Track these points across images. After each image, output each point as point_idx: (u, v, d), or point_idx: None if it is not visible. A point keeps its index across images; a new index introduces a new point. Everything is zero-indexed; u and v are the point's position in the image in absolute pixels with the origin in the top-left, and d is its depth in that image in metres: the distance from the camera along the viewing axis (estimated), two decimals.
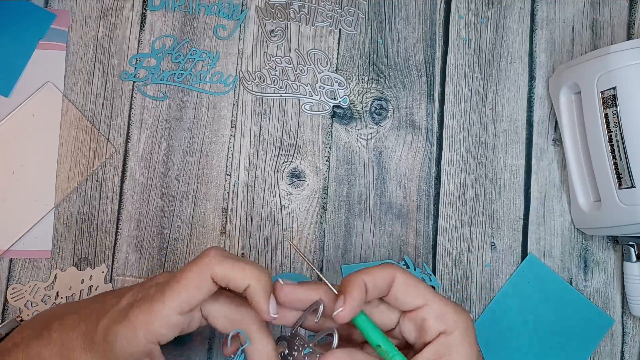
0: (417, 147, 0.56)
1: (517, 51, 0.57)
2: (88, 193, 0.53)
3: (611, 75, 0.48)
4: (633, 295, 0.53)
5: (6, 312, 0.51)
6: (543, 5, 0.58)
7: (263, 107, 0.55)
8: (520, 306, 0.54)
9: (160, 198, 0.53)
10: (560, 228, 0.55)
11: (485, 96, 0.57)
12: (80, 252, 0.52)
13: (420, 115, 0.56)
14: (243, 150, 0.54)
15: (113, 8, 0.55)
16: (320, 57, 0.56)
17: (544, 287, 0.54)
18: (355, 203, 0.54)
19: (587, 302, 0.54)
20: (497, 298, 0.54)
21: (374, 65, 0.56)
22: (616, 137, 0.48)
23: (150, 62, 0.55)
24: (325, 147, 0.55)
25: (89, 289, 0.52)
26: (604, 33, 0.58)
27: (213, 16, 0.55)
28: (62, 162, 0.53)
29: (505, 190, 0.56)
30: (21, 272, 0.51)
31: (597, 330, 0.54)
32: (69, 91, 0.54)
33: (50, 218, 0.52)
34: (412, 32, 0.57)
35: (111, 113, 0.54)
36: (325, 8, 0.56)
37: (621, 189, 0.48)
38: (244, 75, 0.55)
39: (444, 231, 0.55)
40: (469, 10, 0.57)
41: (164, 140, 0.54)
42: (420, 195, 0.55)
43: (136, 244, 0.53)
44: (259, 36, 0.56)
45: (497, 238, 0.55)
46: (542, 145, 0.56)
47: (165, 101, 0.54)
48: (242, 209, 0.54)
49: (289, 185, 0.54)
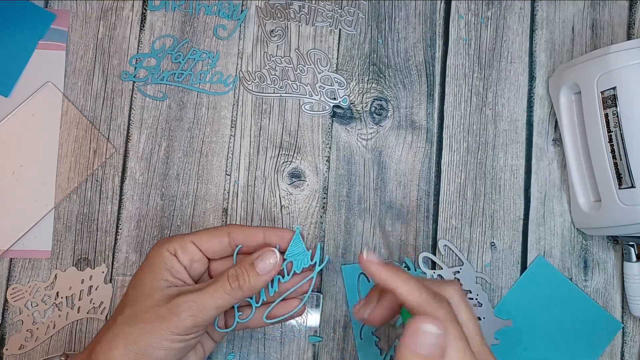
0: (417, 147, 0.56)
1: (517, 51, 0.57)
2: (88, 193, 0.53)
3: (611, 75, 0.48)
4: (633, 295, 0.53)
5: (6, 312, 0.51)
6: (543, 5, 0.58)
7: (263, 107, 0.55)
8: (528, 308, 0.54)
9: (160, 198, 0.53)
10: (560, 228, 0.55)
11: (485, 96, 0.57)
12: (80, 252, 0.52)
13: (420, 115, 0.56)
14: (243, 150, 0.54)
15: (113, 8, 0.55)
16: (320, 57, 0.56)
17: (553, 289, 0.54)
18: (355, 203, 0.54)
19: (595, 305, 0.54)
20: (505, 299, 0.54)
21: (374, 65, 0.56)
22: (616, 137, 0.48)
23: (150, 62, 0.55)
24: (325, 147, 0.55)
25: (89, 289, 0.52)
26: (604, 33, 0.58)
27: (213, 16, 0.55)
28: (62, 162, 0.53)
29: (505, 190, 0.56)
30: (21, 272, 0.51)
31: (605, 334, 0.54)
32: (69, 91, 0.54)
33: (50, 218, 0.52)
34: (412, 32, 0.57)
35: (111, 113, 0.54)
36: (325, 8, 0.56)
37: (621, 189, 0.48)
38: (244, 75, 0.55)
39: (444, 231, 0.55)
40: (469, 10, 0.57)
41: (164, 140, 0.54)
42: (420, 195, 0.55)
43: (136, 244, 0.53)
44: (259, 36, 0.56)
45: (497, 238, 0.55)
46: (542, 145, 0.56)
47: (165, 101, 0.54)
48: (242, 209, 0.54)
49: (289, 185, 0.54)
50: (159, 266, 0.41)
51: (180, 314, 0.39)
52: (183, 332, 0.39)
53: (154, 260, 0.42)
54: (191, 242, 0.43)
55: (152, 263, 0.42)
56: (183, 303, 0.39)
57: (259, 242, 0.44)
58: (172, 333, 0.39)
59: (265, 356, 0.52)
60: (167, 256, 0.42)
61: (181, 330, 0.39)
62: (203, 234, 0.43)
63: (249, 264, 0.42)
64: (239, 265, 0.42)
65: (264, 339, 0.52)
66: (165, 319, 0.39)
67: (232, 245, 0.44)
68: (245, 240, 0.44)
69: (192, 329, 0.39)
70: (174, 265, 0.42)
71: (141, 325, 0.39)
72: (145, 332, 0.38)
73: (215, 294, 0.40)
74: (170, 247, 0.42)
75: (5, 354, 0.50)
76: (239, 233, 0.44)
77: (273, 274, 0.42)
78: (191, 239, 0.43)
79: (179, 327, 0.39)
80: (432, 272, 0.54)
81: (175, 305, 0.39)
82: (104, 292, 0.52)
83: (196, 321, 0.39)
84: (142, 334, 0.38)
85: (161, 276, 0.41)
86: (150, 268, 0.42)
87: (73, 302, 0.51)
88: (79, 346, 0.51)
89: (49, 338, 0.51)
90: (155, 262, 0.42)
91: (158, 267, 0.41)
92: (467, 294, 0.53)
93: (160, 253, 0.42)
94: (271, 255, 0.42)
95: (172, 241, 0.43)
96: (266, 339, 0.52)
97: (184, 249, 0.42)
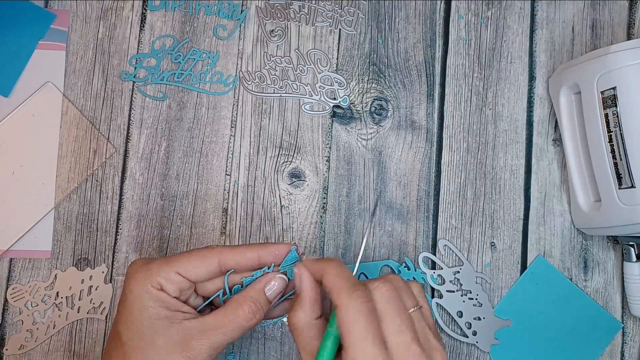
0: (417, 147, 0.56)
1: (517, 51, 0.57)
2: (88, 193, 0.53)
3: (611, 75, 0.48)
4: (633, 295, 0.53)
5: (6, 312, 0.51)
6: (543, 5, 0.58)
7: (263, 107, 0.55)
8: (528, 308, 0.54)
9: (160, 198, 0.53)
10: (560, 228, 0.55)
11: (485, 96, 0.57)
12: (80, 252, 0.52)
13: (420, 115, 0.56)
14: (243, 150, 0.54)
15: (113, 8, 0.55)
16: (320, 57, 0.56)
17: (553, 289, 0.54)
18: (355, 203, 0.54)
19: (595, 305, 0.54)
20: (505, 299, 0.54)
21: (374, 65, 0.56)
22: (616, 137, 0.48)
23: (150, 62, 0.55)
24: (325, 147, 0.55)
25: (89, 289, 0.52)
26: (604, 33, 0.58)
27: (213, 16, 0.55)
28: (62, 162, 0.53)
29: (505, 190, 0.56)
30: (21, 272, 0.51)
31: (605, 334, 0.54)
32: (69, 91, 0.54)
33: (50, 218, 0.52)
34: (412, 32, 0.57)
35: (111, 113, 0.54)
36: (325, 8, 0.56)
37: (621, 189, 0.48)
38: (244, 75, 0.55)
39: (444, 231, 0.55)
40: (469, 10, 0.57)
41: (164, 140, 0.54)
42: (420, 195, 0.55)
43: (136, 244, 0.53)
44: (259, 36, 0.56)
45: (497, 238, 0.55)
46: (542, 145, 0.56)
47: (165, 101, 0.54)
48: (242, 209, 0.54)
49: (289, 185, 0.54)
50: (151, 304, 0.38)
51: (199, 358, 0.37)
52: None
53: (141, 301, 0.38)
54: (176, 274, 0.39)
55: (140, 301, 0.38)
56: (200, 346, 0.37)
57: (253, 264, 0.41)
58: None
59: (265, 356, 0.52)
60: (155, 293, 0.38)
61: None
62: (187, 262, 0.39)
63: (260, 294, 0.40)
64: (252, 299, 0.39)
65: (264, 339, 0.52)
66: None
67: (222, 270, 0.41)
68: (237, 264, 0.41)
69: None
70: (166, 300, 0.38)
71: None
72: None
73: (230, 333, 0.38)
74: (153, 281, 0.38)
75: (5, 354, 0.50)
76: (230, 258, 0.40)
77: (279, 296, 0.41)
78: (176, 269, 0.39)
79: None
80: (432, 272, 0.54)
81: (190, 349, 0.37)
82: (104, 292, 0.52)
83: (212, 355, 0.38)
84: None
85: (157, 316, 0.38)
86: (141, 307, 0.38)
87: (73, 302, 0.51)
88: (79, 346, 0.51)
89: (49, 338, 0.51)
90: (143, 303, 0.38)
91: (150, 306, 0.38)
92: (466, 294, 0.53)
93: (146, 290, 0.38)
94: (279, 281, 0.41)
95: (152, 274, 0.38)
96: (266, 339, 0.52)
97: (170, 281, 0.39)
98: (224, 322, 0.38)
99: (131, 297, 0.38)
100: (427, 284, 0.54)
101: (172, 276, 0.39)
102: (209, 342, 0.37)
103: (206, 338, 0.37)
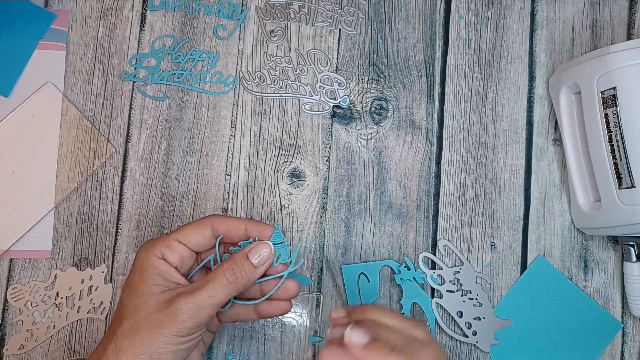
0: (417, 147, 0.56)
1: (517, 51, 0.57)
2: (88, 193, 0.53)
3: (611, 75, 0.48)
4: (633, 295, 0.53)
5: (6, 312, 0.51)
6: (543, 5, 0.58)
7: (263, 107, 0.55)
8: (528, 308, 0.54)
9: (160, 198, 0.53)
10: (560, 228, 0.55)
11: (485, 96, 0.57)
12: (80, 252, 0.52)
13: (420, 115, 0.56)
14: (243, 150, 0.54)
15: (113, 8, 0.55)
16: (320, 57, 0.56)
17: (553, 289, 0.54)
18: (355, 203, 0.54)
19: (595, 305, 0.54)
20: (505, 299, 0.54)
21: (374, 65, 0.56)
22: (616, 137, 0.48)
23: (150, 62, 0.55)
24: (325, 147, 0.55)
25: (89, 289, 0.52)
26: (604, 33, 0.58)
27: (213, 16, 0.55)
28: (62, 162, 0.53)
29: (505, 190, 0.56)
30: (21, 272, 0.51)
31: (605, 334, 0.54)
32: (69, 91, 0.54)
33: (50, 218, 0.52)
34: (412, 32, 0.57)
35: (111, 113, 0.54)
36: (325, 8, 0.56)
37: (621, 189, 0.48)
38: (244, 75, 0.55)
39: (444, 231, 0.55)
40: (469, 10, 0.57)
41: (164, 140, 0.54)
42: (420, 195, 0.55)
43: (136, 244, 0.53)
44: (259, 36, 0.56)
45: (497, 238, 0.55)
46: (542, 145, 0.56)
47: (165, 101, 0.54)
48: (242, 209, 0.54)
49: (289, 185, 0.54)
50: (150, 272, 0.41)
51: (180, 317, 0.39)
52: (186, 333, 0.39)
53: (144, 266, 0.41)
54: (176, 241, 0.43)
55: (143, 270, 0.41)
56: (182, 306, 0.39)
57: (240, 234, 0.44)
58: (175, 336, 0.39)
59: (265, 356, 0.52)
60: (156, 261, 0.41)
61: (184, 332, 0.39)
62: (186, 229, 0.43)
63: (243, 257, 0.42)
64: (233, 260, 0.42)
65: (264, 339, 0.52)
66: (167, 325, 0.39)
67: (215, 236, 0.44)
68: (227, 231, 0.44)
69: (194, 329, 0.40)
70: (165, 269, 0.41)
71: (144, 334, 0.39)
72: (150, 341, 0.39)
73: (212, 291, 0.40)
74: (156, 250, 0.42)
75: (5, 354, 0.50)
76: (222, 224, 0.44)
77: (267, 265, 0.43)
78: (175, 237, 0.43)
79: (182, 330, 0.39)
80: (432, 272, 0.54)
81: (175, 309, 0.39)
82: (104, 292, 0.52)
83: (197, 321, 0.39)
84: (147, 343, 0.39)
85: (154, 282, 0.41)
86: (142, 275, 0.41)
87: (73, 302, 0.51)
88: (79, 346, 0.51)
89: (49, 338, 0.51)
90: (146, 268, 0.41)
91: (149, 274, 0.41)
92: (466, 294, 0.53)
93: (148, 259, 0.42)
94: (265, 247, 0.43)
95: (157, 244, 0.42)
96: (266, 339, 0.52)
97: (171, 249, 0.42)
98: (206, 281, 0.41)
99: (137, 264, 0.42)
100: (427, 283, 0.54)
101: (173, 244, 0.42)
102: (192, 302, 0.39)
103: (189, 298, 0.40)
